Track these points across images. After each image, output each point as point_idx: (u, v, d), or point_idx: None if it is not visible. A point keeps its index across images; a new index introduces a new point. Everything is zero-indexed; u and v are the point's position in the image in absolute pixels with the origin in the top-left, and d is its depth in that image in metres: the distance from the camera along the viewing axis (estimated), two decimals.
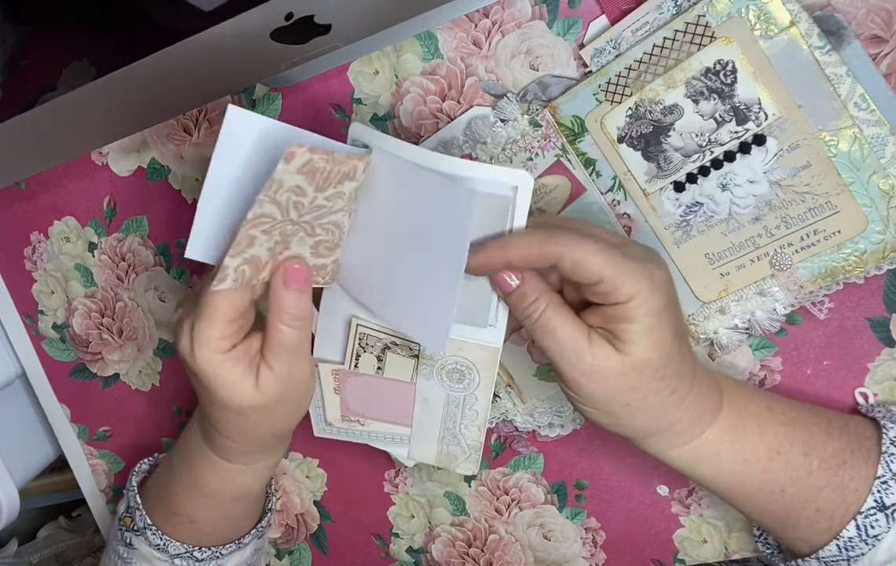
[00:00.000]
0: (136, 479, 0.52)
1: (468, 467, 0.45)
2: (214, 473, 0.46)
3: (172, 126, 0.50)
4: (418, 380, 0.43)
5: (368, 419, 0.46)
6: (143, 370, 0.58)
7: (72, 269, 0.57)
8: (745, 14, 0.38)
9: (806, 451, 0.38)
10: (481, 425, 0.43)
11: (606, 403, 0.36)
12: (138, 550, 0.48)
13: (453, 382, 0.42)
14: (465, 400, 0.43)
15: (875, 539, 0.36)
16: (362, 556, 0.58)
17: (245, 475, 0.46)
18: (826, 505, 0.37)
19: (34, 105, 0.46)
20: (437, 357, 0.42)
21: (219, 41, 0.41)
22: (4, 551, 0.86)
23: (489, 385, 0.42)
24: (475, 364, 0.41)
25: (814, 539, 0.38)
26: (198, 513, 0.48)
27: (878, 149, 0.38)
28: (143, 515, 0.48)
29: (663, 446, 0.38)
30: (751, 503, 0.39)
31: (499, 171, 0.37)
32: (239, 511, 0.50)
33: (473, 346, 0.40)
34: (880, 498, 0.36)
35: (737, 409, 0.38)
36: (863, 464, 0.37)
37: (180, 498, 0.48)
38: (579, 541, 0.52)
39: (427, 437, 0.45)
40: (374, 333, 0.43)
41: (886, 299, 0.41)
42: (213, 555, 0.49)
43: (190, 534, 0.48)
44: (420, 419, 0.44)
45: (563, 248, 0.34)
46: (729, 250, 0.42)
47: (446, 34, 0.43)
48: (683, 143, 0.41)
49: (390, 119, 0.46)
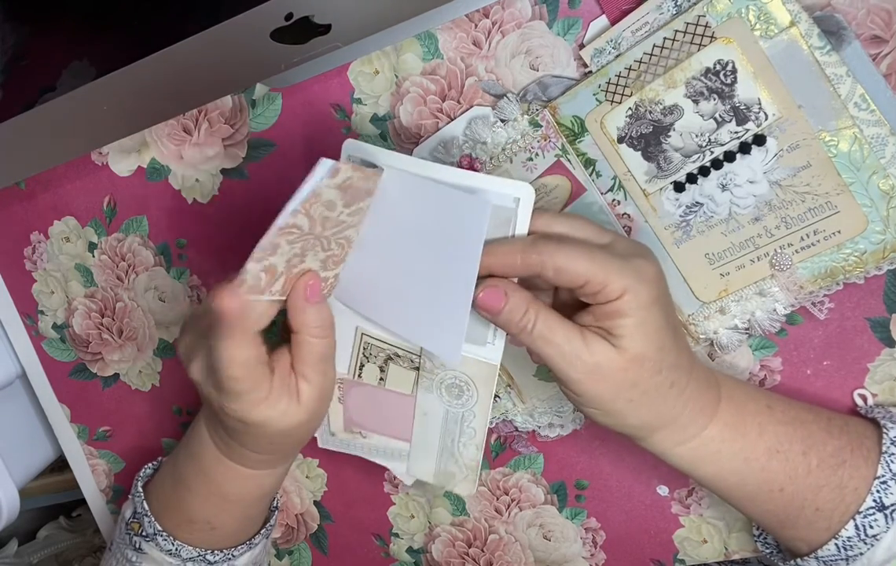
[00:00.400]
0: (142, 484, 0.51)
1: (465, 487, 0.45)
2: (239, 481, 0.45)
3: (172, 126, 0.50)
4: (418, 393, 0.43)
5: (369, 431, 0.46)
6: (143, 370, 0.58)
7: (72, 269, 0.57)
8: (745, 14, 0.38)
9: (805, 450, 0.38)
10: (479, 444, 0.43)
11: (610, 401, 0.36)
12: (148, 555, 0.48)
13: (452, 398, 0.43)
14: (464, 416, 0.43)
15: (874, 539, 0.36)
16: (362, 556, 0.58)
17: (270, 477, 0.46)
18: (825, 504, 0.37)
19: (34, 105, 0.46)
20: (437, 371, 0.42)
21: (219, 41, 0.41)
22: (4, 551, 0.86)
23: (487, 403, 0.42)
24: (473, 380, 0.42)
25: (813, 538, 0.38)
26: (220, 519, 0.48)
27: (878, 149, 0.38)
28: (153, 521, 0.48)
29: (667, 444, 0.38)
30: (751, 502, 0.39)
31: (500, 182, 0.37)
32: (260, 510, 0.50)
33: (472, 362, 0.41)
34: (879, 498, 0.36)
35: (736, 407, 0.38)
36: (862, 464, 0.37)
37: (198, 507, 0.47)
38: (579, 541, 0.52)
39: (426, 453, 0.45)
40: (378, 344, 0.43)
41: (886, 299, 0.41)
42: (226, 557, 0.49)
43: (208, 539, 0.48)
44: (419, 434, 0.45)
45: (545, 256, 0.34)
46: (729, 250, 0.42)
47: (446, 34, 0.43)
48: (683, 144, 0.41)
49: (390, 119, 0.46)
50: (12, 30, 0.48)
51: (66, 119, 0.46)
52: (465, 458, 0.44)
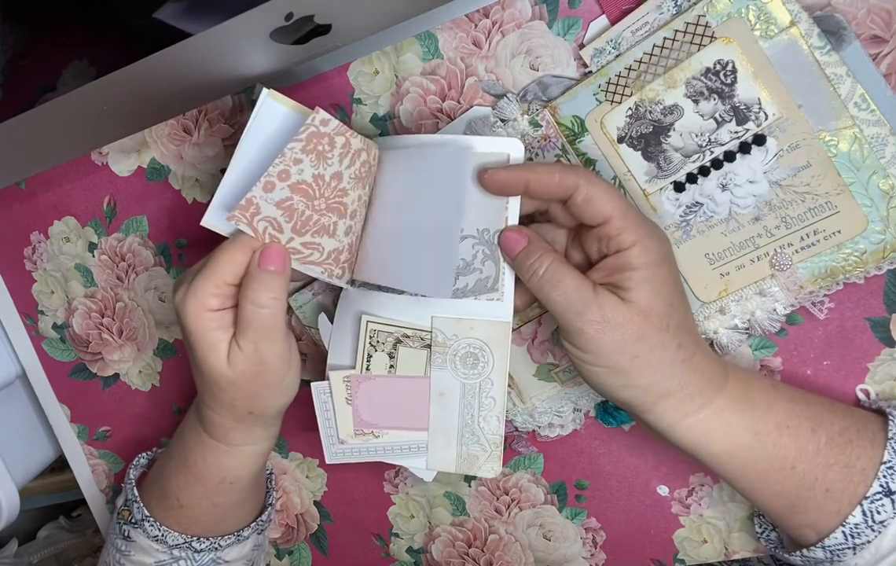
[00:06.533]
0: (135, 473, 0.52)
1: (490, 468, 0.44)
2: (201, 452, 0.46)
3: (172, 126, 0.50)
4: (432, 373, 0.43)
5: (383, 429, 0.45)
6: (143, 370, 0.58)
7: (72, 269, 0.57)
8: (745, 14, 0.38)
9: (813, 427, 0.38)
10: (500, 414, 0.43)
11: (616, 355, 0.36)
12: (136, 543, 0.48)
13: (467, 368, 0.42)
14: (482, 386, 0.42)
15: (881, 525, 0.36)
16: (362, 556, 0.58)
17: (229, 456, 0.46)
18: (835, 484, 0.37)
19: (34, 105, 0.46)
20: (450, 342, 0.42)
21: (219, 41, 0.41)
22: (4, 551, 0.86)
23: (503, 367, 0.42)
24: (488, 343, 0.41)
25: (822, 523, 0.38)
26: (186, 497, 0.48)
27: (878, 149, 0.38)
28: (141, 507, 0.49)
29: (676, 414, 0.37)
30: (763, 483, 0.38)
31: (491, 141, 0.39)
32: (226, 499, 0.49)
33: (484, 324, 0.41)
34: (886, 483, 0.36)
35: (743, 382, 0.39)
36: (868, 445, 0.37)
37: (170, 478, 0.48)
38: (579, 541, 0.52)
39: (445, 440, 0.44)
40: (385, 328, 0.43)
41: (886, 299, 0.41)
42: (212, 546, 0.49)
43: (180, 519, 0.48)
44: (437, 418, 0.44)
45: (581, 181, 0.36)
46: (729, 250, 0.42)
47: (446, 34, 0.43)
48: (683, 143, 0.41)
49: (390, 119, 0.46)
50: (12, 30, 0.48)
51: (66, 119, 0.46)
52: (486, 433, 0.43)
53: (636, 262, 0.36)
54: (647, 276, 0.36)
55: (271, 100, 0.38)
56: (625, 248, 0.36)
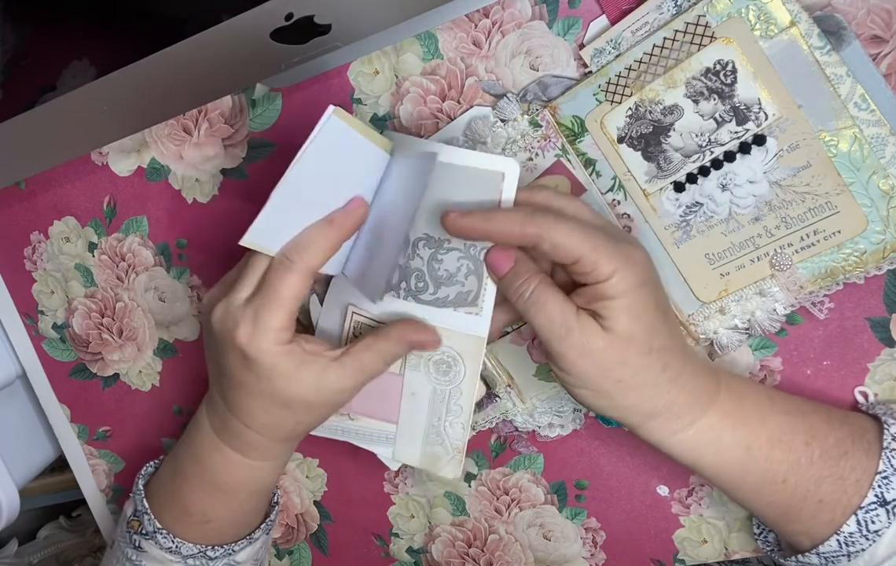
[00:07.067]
0: (143, 483, 0.51)
1: (451, 469, 0.45)
2: (231, 470, 0.45)
3: (172, 126, 0.50)
4: (406, 372, 0.44)
5: (357, 413, 0.46)
6: (143, 370, 0.58)
7: (72, 269, 0.57)
8: (745, 14, 0.38)
9: (807, 440, 0.38)
10: (465, 423, 0.44)
11: (599, 380, 0.36)
12: (148, 553, 0.48)
13: (440, 375, 0.43)
14: (451, 393, 0.44)
15: (875, 535, 0.36)
16: (362, 556, 0.58)
17: (263, 470, 0.46)
18: (828, 496, 0.37)
19: (34, 105, 0.46)
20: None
21: (219, 41, 0.41)
22: (4, 551, 0.86)
23: (474, 380, 0.43)
24: (461, 354, 0.43)
25: (815, 532, 0.38)
26: (215, 511, 0.48)
27: (878, 149, 0.38)
28: (152, 519, 0.48)
29: (664, 431, 0.37)
30: (754, 494, 0.38)
31: (487, 158, 0.39)
32: (254, 505, 0.50)
33: (460, 336, 0.42)
34: (881, 493, 0.36)
35: (736, 396, 0.38)
36: (863, 457, 0.37)
37: (194, 497, 0.47)
38: (579, 541, 0.52)
39: (412, 436, 0.45)
40: (368, 322, 0.44)
41: (886, 299, 0.41)
42: (226, 552, 0.49)
43: (204, 533, 0.48)
44: (407, 414, 0.45)
45: (543, 230, 0.36)
46: (729, 250, 0.42)
47: (446, 34, 0.43)
48: (683, 144, 0.41)
49: (390, 119, 0.46)
50: (12, 30, 0.48)
51: (66, 119, 0.46)
52: (451, 438, 0.45)
53: (612, 292, 0.35)
54: (626, 305, 0.35)
55: (336, 118, 0.36)
56: (602, 280, 0.35)
